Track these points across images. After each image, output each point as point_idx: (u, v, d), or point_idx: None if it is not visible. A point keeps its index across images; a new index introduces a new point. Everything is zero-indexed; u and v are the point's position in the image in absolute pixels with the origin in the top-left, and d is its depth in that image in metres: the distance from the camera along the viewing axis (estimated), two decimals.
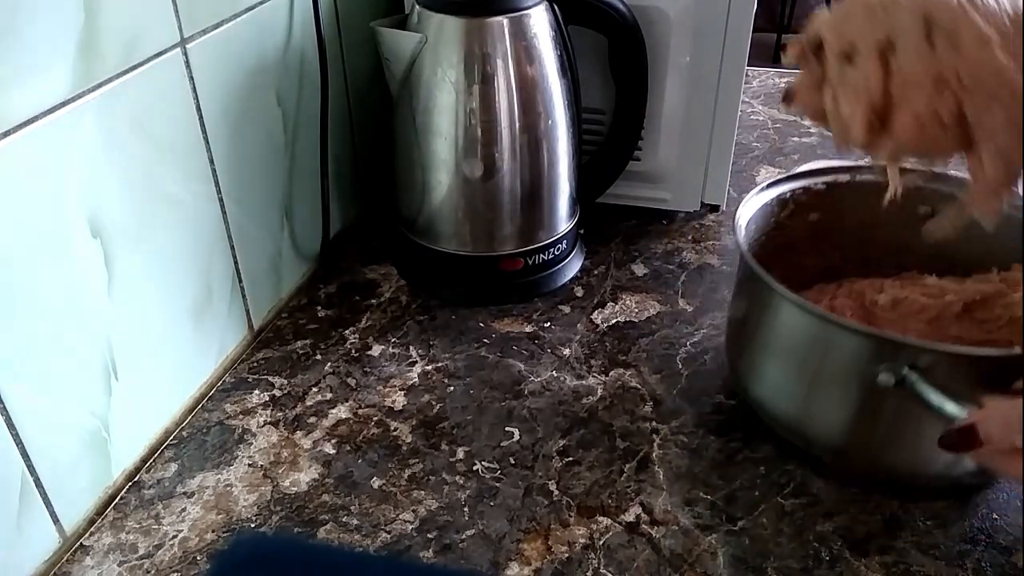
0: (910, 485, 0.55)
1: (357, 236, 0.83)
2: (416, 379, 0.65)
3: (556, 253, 0.75)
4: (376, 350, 0.68)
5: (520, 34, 0.66)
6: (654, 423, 0.61)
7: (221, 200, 0.63)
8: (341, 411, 0.62)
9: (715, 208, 0.85)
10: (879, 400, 0.51)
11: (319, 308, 0.73)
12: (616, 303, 0.73)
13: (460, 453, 0.58)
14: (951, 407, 0.45)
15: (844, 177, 0.64)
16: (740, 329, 0.61)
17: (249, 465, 0.58)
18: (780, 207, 0.64)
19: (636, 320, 0.71)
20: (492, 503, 0.55)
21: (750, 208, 0.61)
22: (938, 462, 0.52)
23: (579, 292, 0.75)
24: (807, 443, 0.57)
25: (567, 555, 0.51)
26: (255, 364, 0.67)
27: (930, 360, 0.48)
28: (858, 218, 0.63)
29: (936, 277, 0.62)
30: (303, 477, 0.57)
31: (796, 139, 1.01)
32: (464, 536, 0.52)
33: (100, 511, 0.54)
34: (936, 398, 0.46)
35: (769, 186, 0.63)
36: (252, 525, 0.53)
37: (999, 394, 0.44)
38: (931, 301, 0.60)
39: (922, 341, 0.50)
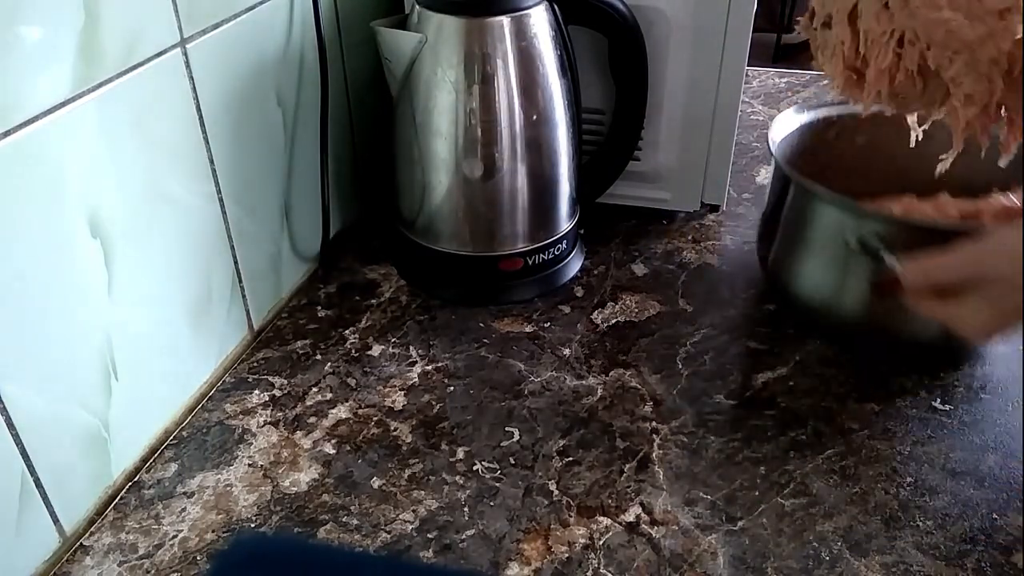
0: (914, 352, 0.65)
1: (357, 236, 0.83)
2: (416, 379, 0.65)
3: (556, 253, 0.75)
4: (376, 350, 0.68)
5: (520, 34, 0.66)
6: (654, 423, 0.61)
7: (221, 200, 0.63)
8: (341, 411, 0.62)
9: (715, 208, 0.85)
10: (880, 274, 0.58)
11: (319, 308, 0.73)
12: (616, 303, 0.73)
13: (460, 453, 0.58)
14: (896, 264, 0.55)
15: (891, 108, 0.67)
16: (772, 233, 0.69)
17: (249, 465, 0.58)
18: (826, 127, 0.71)
19: (636, 320, 0.71)
20: (492, 503, 0.55)
21: (785, 124, 0.69)
22: (932, 328, 0.57)
23: (579, 292, 0.75)
24: (838, 324, 0.66)
25: (567, 555, 0.51)
26: (255, 364, 0.67)
27: (886, 228, 0.59)
28: (902, 148, 0.66)
29: (948, 195, 0.66)
30: (303, 477, 0.57)
31: None
32: (464, 536, 0.52)
33: (100, 511, 0.54)
34: (887, 257, 0.56)
35: (809, 108, 0.71)
36: (252, 525, 0.53)
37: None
38: (935, 213, 0.65)
39: (879, 211, 0.62)
